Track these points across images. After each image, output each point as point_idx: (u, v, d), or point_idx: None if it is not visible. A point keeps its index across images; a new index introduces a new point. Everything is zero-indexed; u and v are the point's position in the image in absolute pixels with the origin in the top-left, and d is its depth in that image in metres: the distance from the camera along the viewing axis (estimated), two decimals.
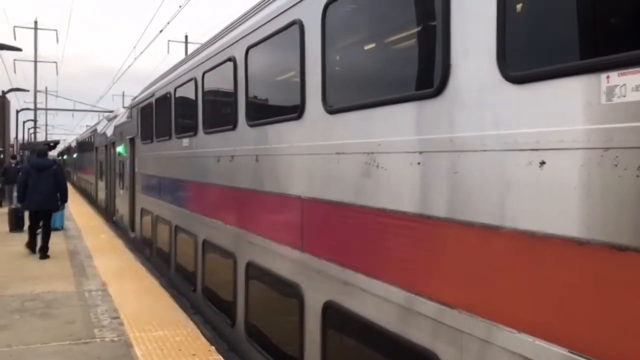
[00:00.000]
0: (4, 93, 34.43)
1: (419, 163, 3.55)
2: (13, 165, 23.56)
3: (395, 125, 3.80)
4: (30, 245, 12.22)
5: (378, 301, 3.96)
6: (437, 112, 3.40)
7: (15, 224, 15.80)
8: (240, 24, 7.01)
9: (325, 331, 4.77)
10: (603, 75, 2.39)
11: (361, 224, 4.20)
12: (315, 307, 4.91)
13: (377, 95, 4.03)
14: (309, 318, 5.03)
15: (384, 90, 4.01)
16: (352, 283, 4.30)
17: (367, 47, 4.55)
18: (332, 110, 4.59)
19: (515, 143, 2.82)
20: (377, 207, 3.99)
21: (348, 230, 4.39)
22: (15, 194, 14.62)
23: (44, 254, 11.82)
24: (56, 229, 14.71)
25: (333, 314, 4.65)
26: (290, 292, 5.39)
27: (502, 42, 2.91)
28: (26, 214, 13.61)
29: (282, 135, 5.61)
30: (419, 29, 3.85)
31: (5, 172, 22.20)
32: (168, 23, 30.32)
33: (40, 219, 12.00)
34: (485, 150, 3.02)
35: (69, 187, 14.74)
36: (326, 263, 4.70)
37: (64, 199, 12.48)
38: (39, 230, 12.09)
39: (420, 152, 3.54)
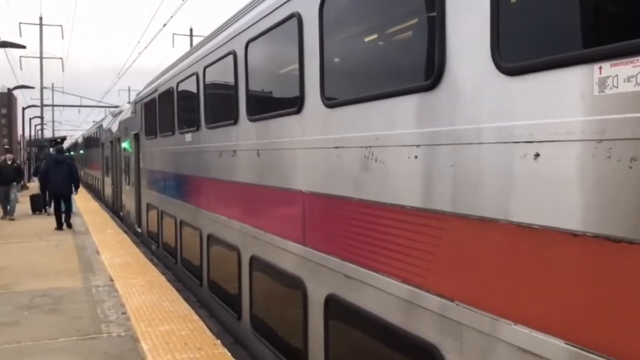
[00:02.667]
0: (10, 90, 34.53)
1: (416, 156, 3.55)
2: (9, 163, 19.41)
3: (392, 119, 3.79)
4: (58, 225, 16.13)
5: (379, 294, 3.98)
6: (433, 105, 3.39)
7: (38, 208, 20.16)
8: (240, 18, 7.00)
9: (328, 324, 4.80)
10: (595, 66, 2.38)
11: (361, 218, 4.21)
12: (317, 300, 4.93)
13: (374, 89, 4.02)
14: (312, 311, 5.06)
15: (380, 83, 4.00)
16: (353, 276, 4.32)
17: (364, 40, 4.54)
18: (330, 104, 4.59)
19: (510, 135, 2.81)
20: (376, 200, 3.99)
21: (348, 224, 4.40)
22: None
23: (68, 225, 16.41)
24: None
25: (335, 307, 4.67)
26: (293, 285, 5.41)
27: (496, 34, 2.89)
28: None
29: (283, 130, 5.61)
30: (415, 21, 3.84)
31: (1, 171, 18.95)
32: (172, 17, 30.37)
33: (60, 201, 16.26)
34: (481, 143, 3.02)
35: None
36: (327, 257, 4.71)
37: (77, 185, 17.02)
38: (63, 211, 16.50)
39: (418, 146, 3.53)
